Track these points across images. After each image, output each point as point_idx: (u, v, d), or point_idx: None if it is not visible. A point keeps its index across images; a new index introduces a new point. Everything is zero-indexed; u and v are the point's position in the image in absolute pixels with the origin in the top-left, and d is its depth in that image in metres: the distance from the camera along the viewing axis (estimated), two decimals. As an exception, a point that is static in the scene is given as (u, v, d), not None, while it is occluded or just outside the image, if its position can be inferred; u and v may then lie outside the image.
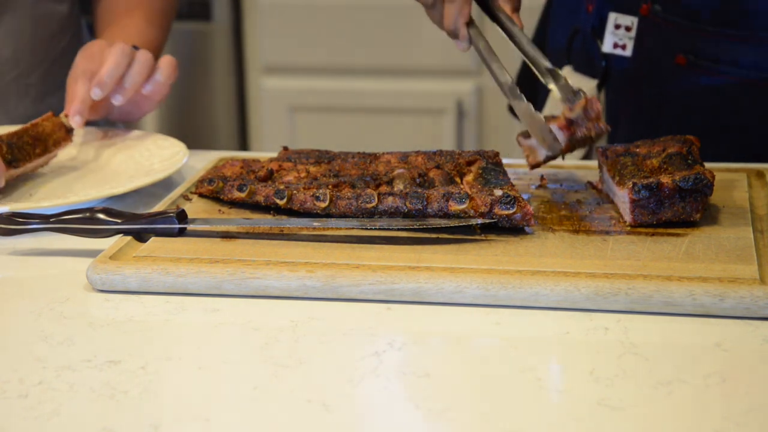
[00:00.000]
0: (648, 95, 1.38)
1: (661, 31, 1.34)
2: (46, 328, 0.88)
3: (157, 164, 1.25)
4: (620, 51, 1.38)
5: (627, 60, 1.38)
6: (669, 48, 1.33)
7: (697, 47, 1.31)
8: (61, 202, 1.12)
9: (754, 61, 1.29)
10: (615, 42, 1.38)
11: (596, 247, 0.96)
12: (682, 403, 0.74)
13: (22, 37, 1.47)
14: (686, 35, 1.32)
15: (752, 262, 0.91)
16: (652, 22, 1.34)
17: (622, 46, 1.37)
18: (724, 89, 1.32)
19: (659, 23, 1.33)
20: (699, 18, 1.31)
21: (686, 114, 1.33)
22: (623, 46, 1.37)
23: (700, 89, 1.33)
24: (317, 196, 1.03)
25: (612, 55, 1.40)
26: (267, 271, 0.92)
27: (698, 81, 1.32)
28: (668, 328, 0.85)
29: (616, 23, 1.37)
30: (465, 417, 0.73)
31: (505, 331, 0.86)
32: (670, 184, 0.98)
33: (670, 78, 1.35)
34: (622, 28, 1.36)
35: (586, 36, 1.43)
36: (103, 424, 0.73)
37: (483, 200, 0.99)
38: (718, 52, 1.30)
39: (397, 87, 2.87)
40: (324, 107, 2.94)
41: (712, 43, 1.31)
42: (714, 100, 1.33)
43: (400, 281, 0.90)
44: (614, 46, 1.38)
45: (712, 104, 1.32)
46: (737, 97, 1.32)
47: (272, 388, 0.77)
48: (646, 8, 1.34)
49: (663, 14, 1.33)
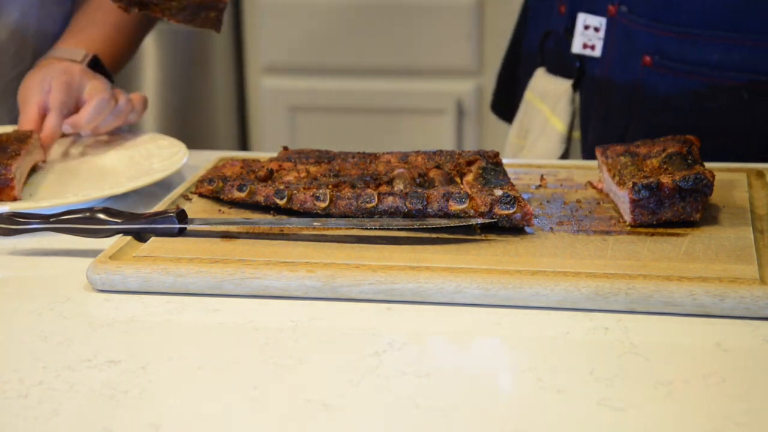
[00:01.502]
0: (617, 95, 1.39)
1: (628, 32, 1.35)
2: (46, 328, 0.88)
3: (157, 164, 1.25)
4: (589, 51, 1.40)
5: (596, 60, 1.40)
6: (636, 49, 1.35)
7: (663, 48, 1.33)
8: (61, 202, 1.12)
9: (720, 63, 1.31)
10: (584, 42, 1.40)
11: (596, 247, 0.96)
12: (682, 403, 0.74)
13: (25, 35, 1.47)
14: (652, 36, 1.33)
15: (752, 262, 0.91)
16: (619, 23, 1.36)
17: (591, 47, 1.39)
18: (692, 90, 1.33)
19: (626, 24, 1.35)
20: (665, 19, 1.32)
21: (655, 114, 1.35)
22: (592, 47, 1.39)
23: (667, 90, 1.35)
24: (317, 196, 1.03)
25: (583, 56, 1.41)
26: (267, 271, 0.92)
27: (665, 82, 1.34)
28: (668, 328, 0.85)
29: (585, 24, 1.39)
30: (465, 417, 0.73)
31: (505, 331, 0.86)
32: (670, 184, 0.98)
33: (637, 78, 1.36)
34: (591, 28, 1.38)
35: (559, 37, 1.45)
36: (103, 424, 0.73)
37: (483, 200, 0.99)
38: (684, 53, 1.32)
39: (397, 87, 2.87)
40: (324, 107, 2.94)
41: (677, 45, 1.32)
42: (681, 101, 1.34)
43: (400, 281, 0.90)
44: (583, 46, 1.40)
45: (680, 105, 1.34)
46: (705, 99, 1.33)
47: (272, 388, 0.77)
48: (614, 9, 1.36)
49: (629, 15, 1.34)
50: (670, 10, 1.32)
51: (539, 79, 1.50)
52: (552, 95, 1.46)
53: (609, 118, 1.39)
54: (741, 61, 1.31)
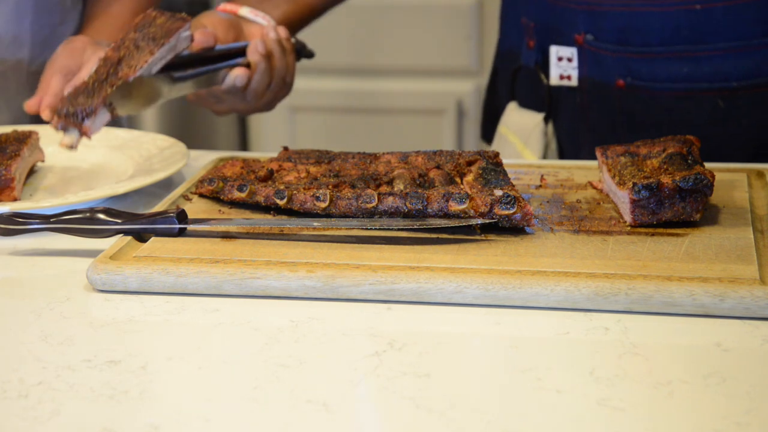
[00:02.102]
0: (599, 119, 1.42)
1: (598, 58, 1.39)
2: (46, 328, 0.88)
3: (157, 164, 1.25)
4: (566, 82, 1.43)
5: (575, 90, 1.43)
6: (608, 74, 1.39)
7: (634, 70, 1.37)
8: (61, 202, 1.12)
9: (691, 76, 1.34)
10: (560, 74, 1.43)
11: (596, 247, 0.96)
12: (682, 403, 0.74)
13: (23, 22, 1.47)
14: (621, 60, 1.37)
15: (752, 262, 0.91)
16: (588, 51, 1.39)
17: (567, 77, 1.42)
18: (668, 106, 1.36)
19: (595, 51, 1.38)
20: (630, 42, 1.36)
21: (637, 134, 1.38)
22: (568, 77, 1.42)
23: (644, 109, 1.38)
24: (317, 196, 1.03)
25: (559, 87, 1.44)
26: (267, 271, 0.92)
27: (641, 102, 1.38)
28: (668, 328, 0.85)
29: (558, 56, 1.42)
30: (465, 417, 0.73)
31: (505, 331, 0.86)
32: (670, 184, 0.98)
33: (615, 101, 1.39)
34: (564, 59, 1.42)
35: (530, 72, 1.47)
36: (103, 424, 0.73)
37: (483, 200, 0.99)
38: (654, 72, 1.35)
39: (397, 87, 2.87)
40: (324, 107, 2.94)
41: (646, 65, 1.36)
42: (660, 118, 1.37)
43: (400, 281, 0.90)
44: (560, 77, 1.43)
45: (659, 121, 1.37)
46: (682, 112, 1.36)
47: (272, 388, 0.77)
48: (581, 38, 1.39)
49: (596, 43, 1.38)
50: (632, 34, 1.36)
51: (511, 113, 1.54)
52: (524, 129, 1.50)
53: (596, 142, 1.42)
54: (712, 72, 1.34)
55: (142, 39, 1.20)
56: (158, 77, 1.22)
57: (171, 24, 1.22)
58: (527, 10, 1.47)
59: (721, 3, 1.30)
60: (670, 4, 1.32)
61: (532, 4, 1.45)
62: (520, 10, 1.49)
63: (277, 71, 1.37)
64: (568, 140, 1.46)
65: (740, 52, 1.32)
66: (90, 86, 1.16)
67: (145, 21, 1.22)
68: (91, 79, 1.17)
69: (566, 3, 1.38)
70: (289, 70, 1.40)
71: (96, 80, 1.16)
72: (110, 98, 1.15)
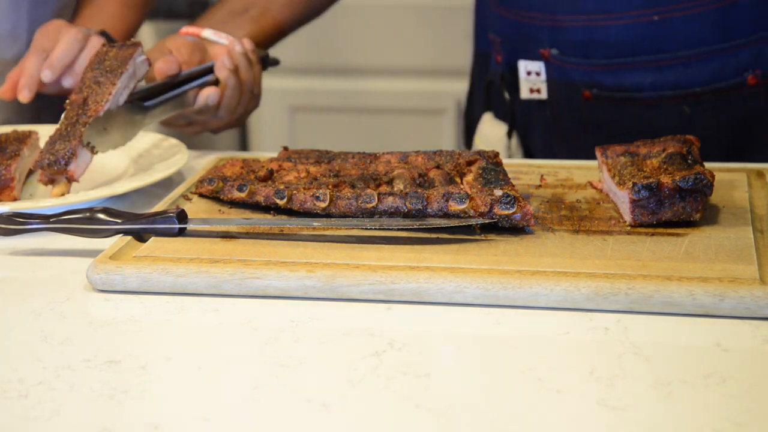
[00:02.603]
0: (570, 130, 1.44)
1: (565, 71, 1.41)
2: (46, 328, 0.88)
3: (157, 164, 1.25)
4: (536, 95, 1.45)
5: (545, 103, 1.45)
6: (575, 86, 1.41)
7: (599, 81, 1.39)
8: (61, 202, 1.12)
9: (655, 84, 1.36)
10: (530, 87, 1.45)
11: (596, 247, 0.96)
12: (682, 403, 0.74)
13: (20, 14, 1.47)
14: (586, 72, 1.39)
15: (752, 262, 0.91)
16: (554, 65, 1.41)
17: (537, 90, 1.44)
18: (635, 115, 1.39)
19: (560, 65, 1.40)
20: (593, 55, 1.38)
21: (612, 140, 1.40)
22: (538, 90, 1.44)
23: (612, 119, 1.40)
24: (317, 196, 1.03)
25: (530, 101, 1.46)
26: (267, 271, 0.92)
27: (609, 112, 1.40)
28: (668, 328, 0.85)
29: (527, 70, 1.44)
30: (465, 417, 0.73)
31: (505, 331, 0.86)
32: (670, 184, 0.98)
33: (585, 112, 1.41)
34: (532, 73, 1.44)
35: (496, 86, 1.50)
36: (103, 424, 0.73)
37: (483, 200, 0.99)
38: (619, 81, 1.38)
39: (397, 87, 2.87)
40: (324, 107, 2.94)
41: (611, 75, 1.38)
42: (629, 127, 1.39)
43: (400, 281, 0.90)
44: (530, 91, 1.45)
45: (628, 130, 1.40)
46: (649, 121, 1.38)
47: (272, 388, 0.77)
48: (546, 53, 1.41)
49: (561, 56, 1.40)
50: (595, 47, 1.37)
51: (485, 123, 1.56)
52: (491, 140, 1.53)
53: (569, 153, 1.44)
54: (675, 79, 1.36)
55: (101, 75, 1.21)
56: (128, 107, 1.23)
57: (124, 53, 1.24)
58: (494, 25, 1.49)
59: (679, 13, 1.32)
60: (628, 16, 1.34)
61: (498, 20, 1.47)
62: (488, 25, 1.51)
63: (246, 84, 1.38)
64: (542, 153, 1.48)
65: (701, 59, 1.34)
66: (64, 131, 1.17)
67: (98, 58, 1.24)
68: (63, 125, 1.18)
69: (530, 19, 1.41)
70: (256, 82, 1.41)
71: (68, 125, 1.18)
72: (86, 137, 1.17)
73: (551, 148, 1.47)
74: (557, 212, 1.05)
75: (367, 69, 2.88)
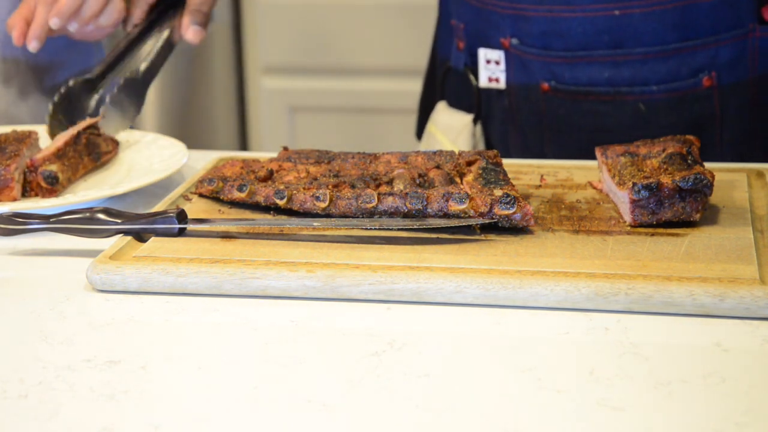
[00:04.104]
0: (527, 121, 1.44)
1: (524, 62, 1.41)
2: (46, 328, 0.88)
3: (156, 164, 1.25)
4: (495, 84, 1.44)
5: (503, 92, 1.44)
6: (533, 77, 1.40)
7: (557, 74, 1.38)
8: (61, 202, 1.12)
9: (612, 81, 1.36)
10: (489, 76, 1.44)
11: (596, 247, 0.96)
12: (682, 403, 0.74)
13: None
14: (545, 64, 1.39)
15: (752, 262, 0.91)
16: (514, 55, 1.41)
17: (496, 80, 1.44)
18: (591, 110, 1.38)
19: (520, 55, 1.40)
20: (553, 47, 1.37)
21: (564, 137, 1.41)
22: (496, 80, 1.44)
23: (568, 113, 1.40)
24: (317, 196, 1.03)
25: (489, 89, 1.45)
26: (267, 271, 0.92)
27: (565, 105, 1.40)
28: (668, 328, 0.85)
29: (487, 58, 1.43)
30: (465, 417, 0.73)
31: (505, 331, 0.86)
32: (670, 184, 0.98)
33: (542, 104, 1.41)
34: (492, 62, 1.43)
35: (458, 73, 1.49)
36: (103, 424, 0.73)
37: (483, 200, 0.99)
38: (576, 76, 1.37)
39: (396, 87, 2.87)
40: (324, 107, 2.94)
41: (569, 69, 1.37)
42: (584, 122, 1.39)
43: (400, 281, 0.90)
44: (489, 80, 1.44)
45: (584, 125, 1.40)
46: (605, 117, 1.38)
47: (272, 388, 0.77)
48: (506, 42, 1.40)
49: (521, 47, 1.39)
50: (555, 38, 1.37)
51: (441, 113, 1.55)
52: (453, 129, 1.52)
53: (525, 145, 1.43)
54: (631, 76, 1.36)
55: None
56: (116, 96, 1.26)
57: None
58: (457, 11, 1.48)
59: (638, 9, 1.32)
60: (590, 9, 1.34)
61: (462, 6, 1.46)
62: (451, 11, 1.50)
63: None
64: (499, 141, 1.48)
65: (659, 57, 1.34)
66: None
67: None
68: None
69: (493, 7, 1.40)
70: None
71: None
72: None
73: (507, 137, 1.47)
74: (557, 212, 1.05)
75: (368, 69, 2.88)
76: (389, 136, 2.88)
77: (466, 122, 1.49)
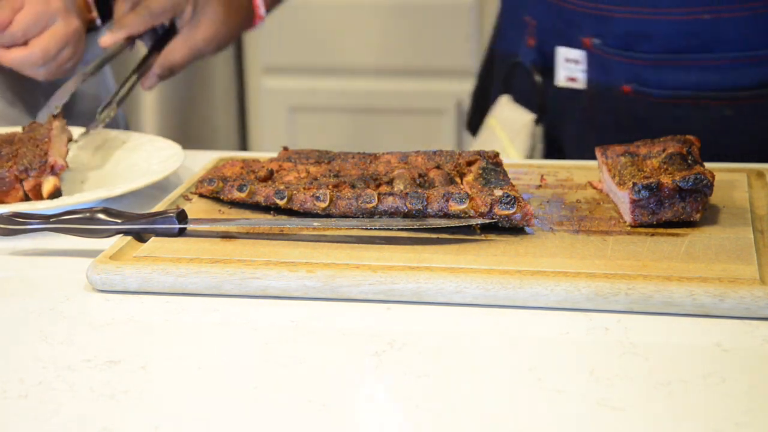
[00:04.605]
0: (606, 123, 1.42)
1: (605, 63, 1.39)
2: (46, 328, 0.88)
3: (153, 166, 1.25)
4: (573, 84, 1.43)
5: (581, 92, 1.43)
6: (614, 79, 1.38)
7: (641, 76, 1.36)
8: (57, 204, 1.11)
9: (699, 84, 1.34)
10: (567, 75, 1.42)
11: (596, 247, 0.96)
12: (682, 403, 0.74)
13: None
14: (628, 66, 1.37)
15: (752, 262, 0.91)
16: (596, 55, 1.39)
17: (574, 79, 1.42)
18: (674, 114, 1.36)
19: (602, 56, 1.38)
20: (638, 49, 1.35)
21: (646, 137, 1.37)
22: (575, 79, 1.42)
23: (649, 116, 1.38)
24: (317, 196, 1.03)
25: (566, 89, 1.44)
26: (267, 271, 0.92)
27: (647, 108, 1.37)
28: (668, 328, 0.85)
29: (566, 57, 1.42)
30: (465, 417, 0.73)
31: (505, 331, 0.86)
32: (670, 184, 0.98)
33: (621, 107, 1.39)
34: (571, 61, 1.41)
35: (526, 70, 1.47)
36: (103, 424, 0.73)
37: (483, 200, 0.99)
38: (662, 79, 1.35)
39: (397, 87, 2.87)
40: (324, 107, 2.94)
41: (654, 71, 1.35)
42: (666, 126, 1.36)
43: (400, 281, 0.90)
44: (567, 79, 1.43)
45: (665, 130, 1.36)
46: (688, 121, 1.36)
47: (272, 388, 0.77)
48: (588, 42, 1.39)
49: (603, 47, 1.37)
50: (639, 40, 1.35)
51: (503, 107, 1.53)
52: (513, 125, 1.50)
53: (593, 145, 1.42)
54: (720, 80, 1.34)
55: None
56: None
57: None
58: (532, 8, 1.46)
59: (728, 14, 1.30)
60: (677, 12, 1.32)
61: (539, 4, 1.44)
62: (524, 7, 1.48)
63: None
64: (573, 142, 1.46)
65: (748, 62, 1.32)
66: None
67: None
68: None
69: (574, 6, 1.38)
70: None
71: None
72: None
73: (584, 140, 1.44)
74: (557, 212, 1.05)
75: (367, 69, 2.88)
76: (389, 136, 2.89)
77: (526, 121, 1.47)
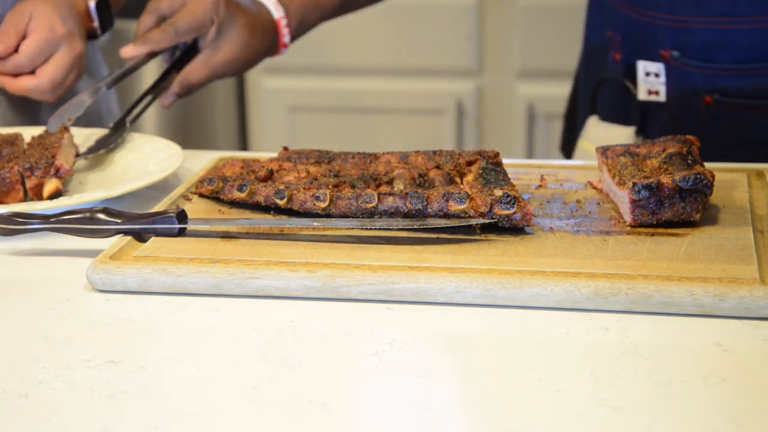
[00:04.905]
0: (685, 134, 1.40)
1: (685, 75, 1.38)
2: (46, 328, 0.88)
3: (153, 166, 1.25)
4: (655, 97, 1.42)
5: (663, 105, 1.42)
6: (695, 90, 1.37)
7: (722, 86, 1.35)
8: (56, 204, 1.11)
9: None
10: (648, 89, 1.41)
11: (596, 247, 0.96)
12: (682, 403, 0.74)
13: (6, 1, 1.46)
14: (709, 76, 1.36)
15: (752, 262, 0.91)
16: (675, 68, 1.38)
17: (656, 92, 1.41)
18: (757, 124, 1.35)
19: (681, 68, 1.37)
20: (717, 59, 1.34)
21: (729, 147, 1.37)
22: (656, 92, 1.41)
23: (732, 126, 1.36)
24: (317, 196, 1.03)
25: (649, 102, 1.43)
26: (267, 271, 0.92)
27: (729, 119, 1.36)
28: (668, 328, 0.85)
29: (646, 71, 1.41)
30: (465, 417, 0.73)
31: (505, 331, 0.86)
32: (670, 184, 0.98)
33: (704, 117, 1.38)
34: (651, 75, 1.40)
35: (617, 86, 1.46)
36: (103, 424, 0.73)
37: (483, 200, 0.99)
38: (743, 87, 1.34)
39: (397, 87, 2.87)
40: (324, 107, 2.94)
41: (735, 80, 1.34)
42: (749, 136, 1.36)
43: (400, 281, 0.90)
44: (648, 92, 1.42)
45: (748, 136, 1.36)
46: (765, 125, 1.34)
47: (272, 388, 0.77)
48: (667, 54, 1.38)
49: (682, 59, 1.36)
50: (719, 50, 1.34)
51: (593, 127, 1.52)
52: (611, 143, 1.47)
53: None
54: None
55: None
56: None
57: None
58: (613, 23, 1.45)
59: None
60: (758, 21, 1.31)
61: (618, 18, 1.43)
62: (606, 23, 1.47)
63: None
64: None
65: None
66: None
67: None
68: None
69: (651, 19, 1.37)
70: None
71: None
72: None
73: None
74: (557, 212, 1.05)
75: (368, 69, 2.88)
76: (389, 136, 2.89)
77: (626, 135, 1.46)
